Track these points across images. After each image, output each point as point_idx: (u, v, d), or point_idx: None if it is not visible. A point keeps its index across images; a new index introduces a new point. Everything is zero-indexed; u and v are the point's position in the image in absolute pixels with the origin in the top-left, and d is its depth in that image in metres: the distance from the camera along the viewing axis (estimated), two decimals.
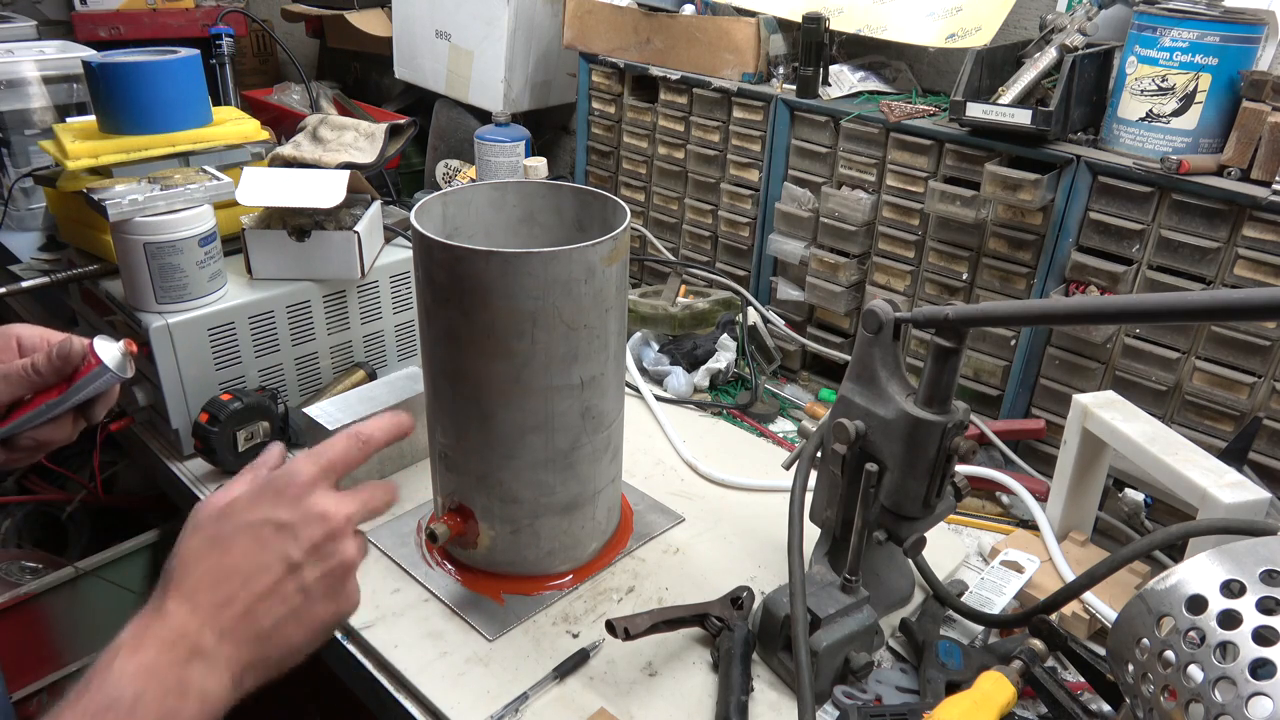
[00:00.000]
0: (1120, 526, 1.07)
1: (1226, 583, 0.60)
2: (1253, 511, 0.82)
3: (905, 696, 0.84)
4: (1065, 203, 1.08)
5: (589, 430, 0.91)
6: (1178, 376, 1.05)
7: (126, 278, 1.10)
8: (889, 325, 0.80)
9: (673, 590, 0.96)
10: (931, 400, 0.78)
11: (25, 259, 1.53)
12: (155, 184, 1.10)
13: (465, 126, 1.78)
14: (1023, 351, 1.17)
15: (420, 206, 0.89)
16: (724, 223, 1.47)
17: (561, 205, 0.99)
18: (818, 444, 0.90)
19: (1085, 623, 0.91)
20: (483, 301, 0.82)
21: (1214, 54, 0.98)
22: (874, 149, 1.25)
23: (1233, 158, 0.98)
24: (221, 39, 1.92)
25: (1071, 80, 1.06)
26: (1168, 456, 0.88)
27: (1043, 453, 1.17)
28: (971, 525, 1.10)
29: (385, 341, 1.30)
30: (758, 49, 1.35)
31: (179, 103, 1.24)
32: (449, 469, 0.94)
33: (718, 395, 1.35)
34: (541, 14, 1.70)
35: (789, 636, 0.79)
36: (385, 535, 1.02)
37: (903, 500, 0.81)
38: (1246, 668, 0.56)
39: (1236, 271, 0.99)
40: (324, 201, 1.14)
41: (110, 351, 0.76)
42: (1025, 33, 1.26)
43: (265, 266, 1.18)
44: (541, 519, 0.93)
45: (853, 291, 1.33)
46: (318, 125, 1.36)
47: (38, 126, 1.71)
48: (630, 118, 1.55)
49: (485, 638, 0.89)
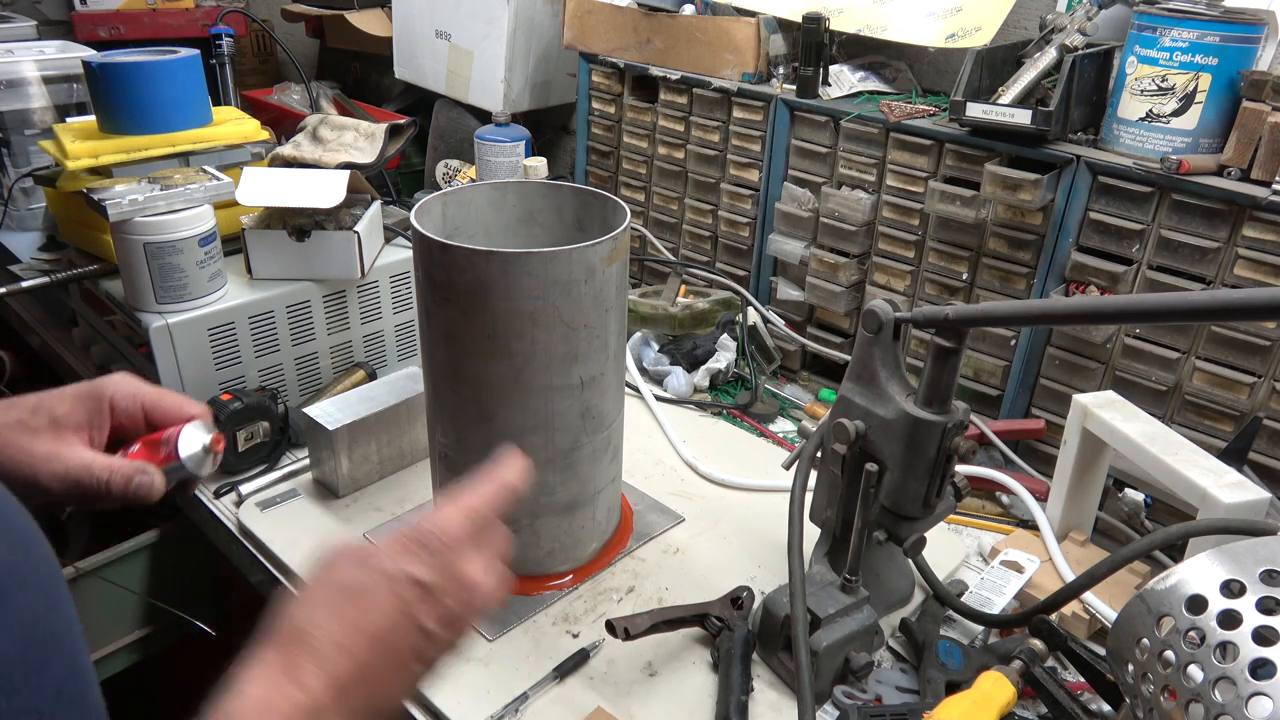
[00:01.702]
0: (1120, 526, 1.07)
1: (1226, 583, 0.60)
2: (1253, 511, 0.82)
3: (905, 696, 0.84)
4: (1065, 203, 1.08)
5: (589, 430, 0.91)
6: (1178, 376, 1.05)
7: (126, 278, 1.10)
8: (889, 325, 0.80)
9: (673, 590, 0.96)
10: (931, 400, 0.78)
11: (25, 259, 1.53)
12: (155, 184, 1.10)
13: (465, 126, 1.78)
14: (1023, 351, 1.17)
15: (420, 206, 0.89)
16: (724, 223, 1.47)
17: (561, 205, 0.99)
18: (818, 444, 0.90)
19: (1085, 623, 0.91)
20: (483, 301, 0.82)
21: (1214, 54, 0.98)
22: (874, 149, 1.25)
23: (1233, 158, 0.98)
24: (221, 39, 1.92)
25: (1071, 80, 1.06)
26: (1168, 456, 0.88)
27: (1043, 453, 1.17)
28: (971, 525, 1.10)
29: (385, 341, 1.30)
30: (758, 49, 1.35)
31: (179, 103, 1.24)
32: (449, 469, 0.94)
33: (718, 395, 1.35)
34: (541, 14, 1.70)
35: (789, 636, 0.79)
36: (385, 535, 1.01)
37: (903, 500, 0.81)
38: (1246, 668, 0.56)
39: (1236, 271, 0.99)
40: (324, 201, 1.14)
41: (193, 445, 0.71)
42: (1025, 33, 1.26)
43: (265, 266, 1.18)
44: (541, 519, 0.93)
45: (853, 291, 1.33)
46: (318, 125, 1.36)
47: (38, 126, 1.72)
48: (630, 118, 1.55)
49: (485, 638, 0.89)
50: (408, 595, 0.51)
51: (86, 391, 0.66)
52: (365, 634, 0.49)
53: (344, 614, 0.49)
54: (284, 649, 0.48)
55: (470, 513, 0.55)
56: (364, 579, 0.51)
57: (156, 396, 0.67)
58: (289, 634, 0.48)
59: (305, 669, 0.47)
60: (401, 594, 0.51)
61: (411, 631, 0.51)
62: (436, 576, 0.52)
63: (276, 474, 1.11)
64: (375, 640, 0.49)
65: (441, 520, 0.54)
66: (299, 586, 0.52)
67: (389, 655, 0.50)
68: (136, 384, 0.68)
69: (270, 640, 0.49)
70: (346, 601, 0.50)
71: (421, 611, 0.51)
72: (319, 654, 0.48)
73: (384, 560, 0.52)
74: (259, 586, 1.01)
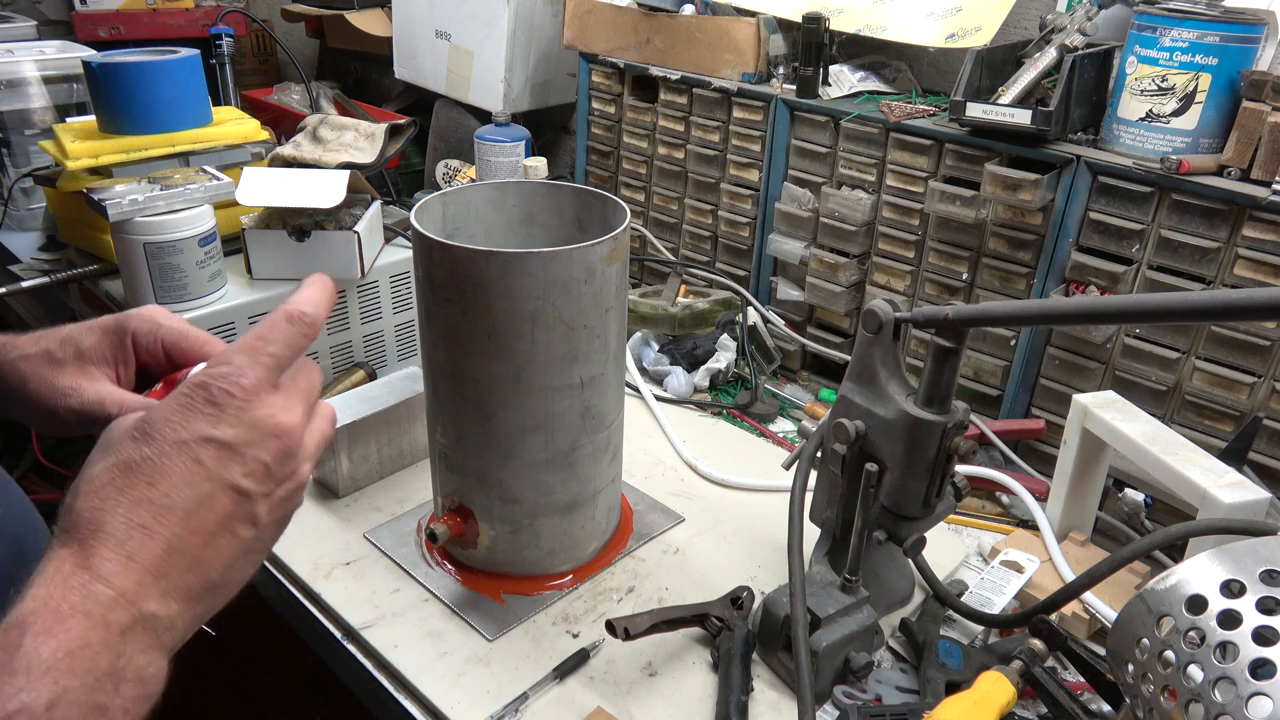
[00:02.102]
0: (1120, 526, 1.07)
1: (1226, 583, 0.60)
2: (1253, 511, 0.82)
3: (905, 696, 0.84)
4: (1065, 203, 1.08)
5: (589, 430, 0.91)
6: (1178, 376, 1.05)
7: (126, 278, 1.10)
8: (889, 325, 0.80)
9: (673, 590, 0.96)
10: (931, 400, 0.78)
11: (25, 259, 1.54)
12: (155, 184, 1.10)
13: (465, 126, 1.78)
14: (1023, 351, 1.17)
15: (420, 206, 0.89)
16: (724, 223, 1.47)
17: (561, 205, 0.99)
18: (818, 444, 0.90)
19: (1085, 623, 0.91)
20: (483, 301, 0.82)
21: (1214, 54, 0.98)
22: (874, 149, 1.25)
23: (1233, 158, 0.98)
24: (221, 39, 1.92)
25: (1071, 80, 1.06)
26: (1168, 456, 0.88)
27: (1043, 453, 1.17)
28: (971, 525, 1.10)
29: (385, 341, 1.30)
30: (758, 49, 1.35)
31: (179, 103, 1.24)
32: (449, 469, 0.94)
33: (718, 395, 1.35)
34: (541, 14, 1.70)
35: (789, 636, 0.79)
36: (385, 535, 1.02)
37: (903, 500, 0.81)
38: (1246, 668, 0.56)
39: (1236, 271, 0.99)
40: (324, 201, 1.14)
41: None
42: (1025, 33, 1.26)
43: (265, 266, 1.18)
44: (541, 519, 0.93)
45: (853, 291, 1.33)
46: (318, 125, 1.36)
47: (38, 126, 1.72)
48: (630, 118, 1.55)
49: (485, 638, 0.89)
50: (206, 457, 0.45)
51: (112, 325, 0.63)
52: (166, 509, 0.44)
53: (138, 494, 0.44)
54: (75, 542, 0.43)
55: (258, 355, 0.48)
56: (151, 453, 0.45)
57: (178, 334, 0.63)
58: (79, 526, 0.43)
59: (101, 556, 0.42)
60: (199, 458, 0.45)
61: (222, 494, 0.46)
62: (235, 430, 0.46)
63: None
64: (183, 513, 0.44)
65: (228, 371, 0.47)
66: (81, 473, 0.46)
67: (205, 525, 0.45)
68: (158, 319, 0.63)
69: (60, 538, 0.44)
70: (138, 479, 0.44)
71: (229, 471, 0.46)
72: (114, 538, 0.43)
73: (169, 428, 0.45)
74: (259, 587, 1.01)
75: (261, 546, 0.48)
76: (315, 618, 0.93)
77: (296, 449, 0.49)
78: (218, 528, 0.45)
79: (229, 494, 0.46)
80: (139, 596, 0.42)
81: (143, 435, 0.45)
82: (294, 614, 0.95)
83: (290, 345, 0.50)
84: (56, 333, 0.62)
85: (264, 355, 0.48)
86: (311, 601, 0.94)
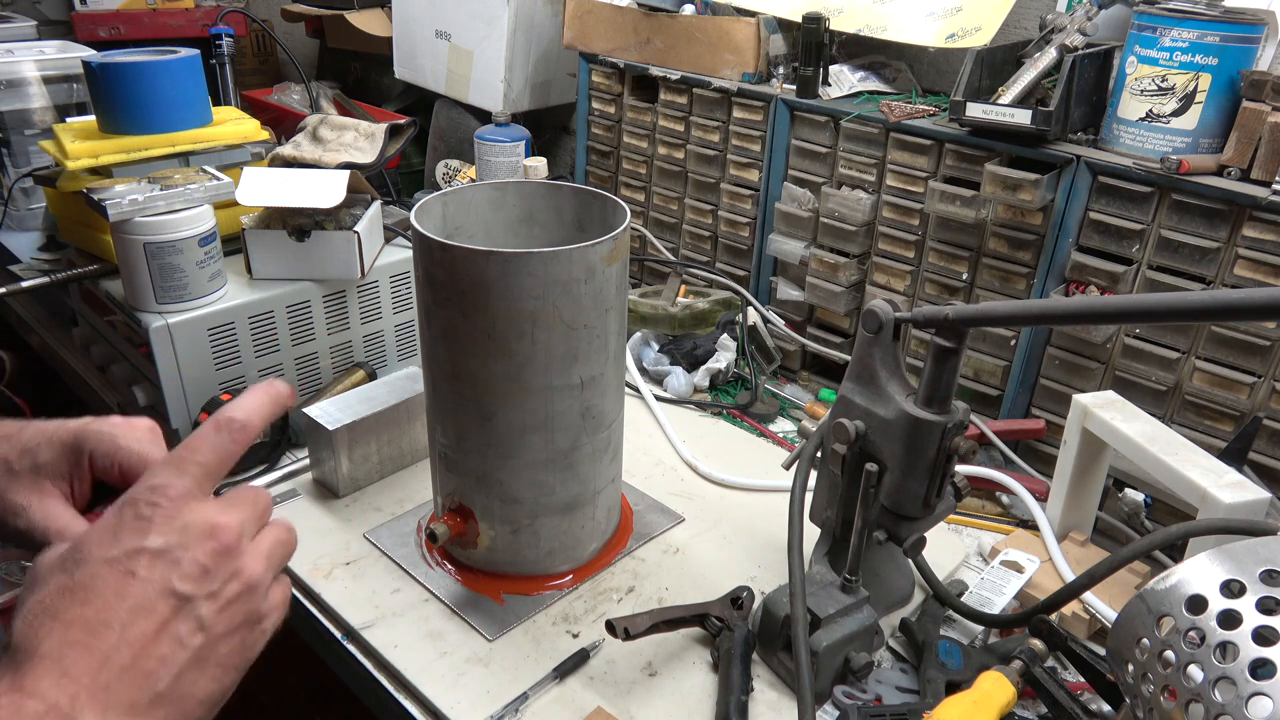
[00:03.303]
0: (1120, 526, 1.07)
1: (1226, 583, 0.60)
2: (1253, 511, 0.82)
3: (905, 696, 0.84)
4: (1065, 203, 1.08)
5: (589, 430, 0.91)
6: (1178, 376, 1.05)
7: (126, 278, 1.10)
8: (889, 325, 0.80)
9: (673, 590, 0.96)
10: (931, 400, 0.78)
11: (25, 259, 1.53)
12: (155, 184, 1.10)
13: (465, 126, 1.78)
14: (1023, 351, 1.17)
15: (420, 206, 0.89)
16: (724, 223, 1.47)
17: (561, 205, 0.99)
18: (818, 444, 0.90)
19: (1085, 623, 0.91)
20: (483, 301, 0.82)
21: (1214, 54, 0.98)
22: (874, 149, 1.25)
23: (1233, 158, 0.98)
24: (221, 39, 1.92)
25: (1071, 80, 1.06)
26: (1168, 456, 0.88)
27: (1043, 453, 1.17)
28: (971, 525, 1.10)
29: (385, 341, 1.30)
30: (758, 49, 1.35)
31: (179, 103, 1.24)
32: (449, 469, 0.94)
33: (718, 395, 1.35)
34: (541, 14, 1.70)
35: (789, 636, 0.79)
36: (385, 535, 1.02)
37: (903, 500, 0.81)
38: (1246, 668, 0.56)
39: (1236, 271, 0.99)
40: (324, 201, 1.14)
41: None
42: (1025, 33, 1.26)
43: (265, 266, 1.18)
44: (541, 519, 0.93)
45: (853, 291, 1.33)
46: (318, 125, 1.36)
47: (38, 126, 1.72)
48: (630, 118, 1.55)
49: (485, 638, 0.89)
50: (139, 568, 0.44)
51: (70, 442, 0.61)
52: (102, 624, 0.43)
53: (71, 615, 0.43)
54: (9, 670, 0.42)
55: (184, 465, 0.48)
56: (83, 575, 0.44)
57: (137, 457, 0.62)
58: (15, 653, 0.42)
59: (34, 675, 0.41)
60: (132, 570, 0.44)
61: (160, 601, 0.44)
62: (165, 537, 0.45)
63: (276, 474, 1.11)
64: (119, 626, 0.43)
65: (154, 484, 0.47)
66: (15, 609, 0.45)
67: (142, 633, 0.44)
68: (118, 440, 0.62)
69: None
70: (72, 602, 0.43)
71: (163, 577, 0.45)
72: (48, 658, 0.42)
73: (98, 548, 0.45)
74: None
75: (219, 657, 0.46)
76: (315, 618, 0.93)
77: (235, 544, 0.47)
78: (158, 634, 0.44)
79: (166, 600, 0.45)
80: (74, 709, 0.41)
81: (73, 560, 0.45)
82: (294, 614, 0.95)
83: (218, 453, 0.49)
84: (18, 438, 0.61)
85: (190, 465, 0.48)
86: (311, 601, 0.94)
